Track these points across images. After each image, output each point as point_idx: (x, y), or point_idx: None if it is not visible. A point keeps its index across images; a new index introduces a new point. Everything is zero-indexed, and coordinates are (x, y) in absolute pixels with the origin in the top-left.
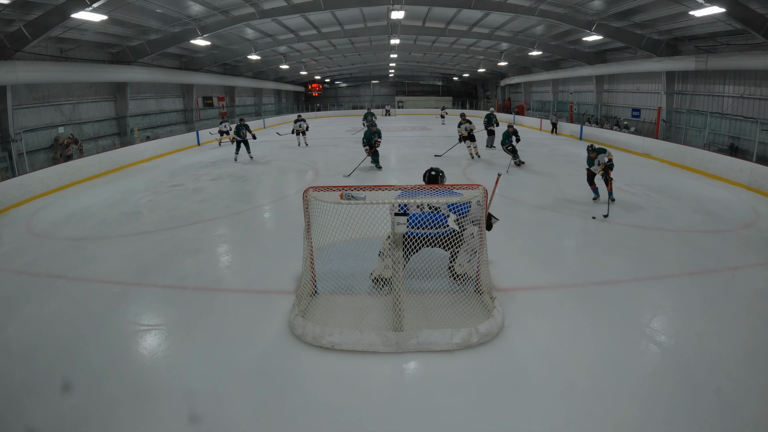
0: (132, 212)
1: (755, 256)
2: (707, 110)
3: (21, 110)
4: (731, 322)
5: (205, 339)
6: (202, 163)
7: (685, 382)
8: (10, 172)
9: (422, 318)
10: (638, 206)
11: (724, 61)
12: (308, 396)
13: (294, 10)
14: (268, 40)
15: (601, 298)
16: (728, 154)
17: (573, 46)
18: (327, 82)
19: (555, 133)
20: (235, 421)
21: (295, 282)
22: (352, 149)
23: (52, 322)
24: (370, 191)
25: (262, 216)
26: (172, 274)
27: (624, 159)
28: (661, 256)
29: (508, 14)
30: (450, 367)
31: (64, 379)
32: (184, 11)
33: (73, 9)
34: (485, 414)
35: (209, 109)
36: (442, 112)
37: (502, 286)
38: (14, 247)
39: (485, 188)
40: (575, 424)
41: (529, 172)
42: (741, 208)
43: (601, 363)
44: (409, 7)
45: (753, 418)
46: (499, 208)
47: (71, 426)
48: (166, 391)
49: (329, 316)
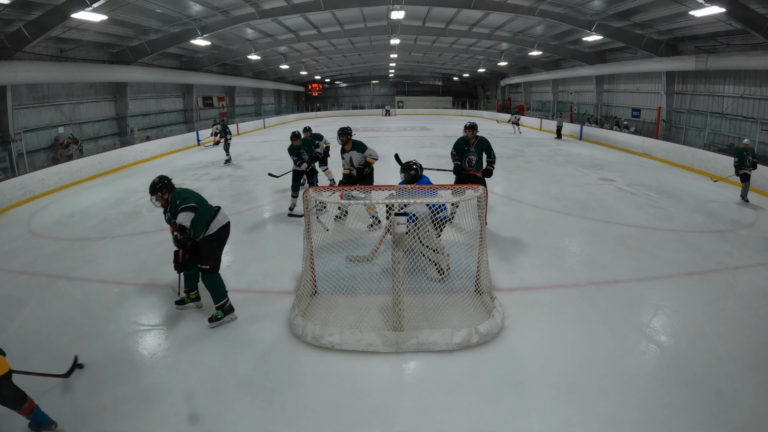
0: (132, 212)
1: (755, 256)
2: (707, 110)
3: (21, 110)
4: (731, 322)
5: (205, 339)
6: (202, 163)
7: (685, 382)
8: (10, 172)
9: (422, 318)
10: (638, 206)
11: (724, 61)
12: (308, 396)
13: (294, 10)
14: (268, 40)
15: (601, 298)
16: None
17: (573, 46)
18: (327, 82)
19: (559, 138)
20: (235, 421)
21: (295, 282)
22: None
23: (52, 322)
24: (370, 191)
25: (262, 216)
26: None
27: (624, 159)
28: (661, 256)
29: (508, 14)
30: (450, 367)
31: (64, 379)
32: (184, 11)
33: (73, 9)
34: (485, 414)
35: (209, 109)
36: (512, 118)
37: (502, 286)
38: (14, 247)
39: (485, 189)
40: (575, 424)
41: (529, 172)
42: (741, 208)
43: (601, 363)
44: (409, 7)
45: (753, 418)
46: (499, 208)
47: (71, 426)
48: (166, 391)
49: (329, 316)
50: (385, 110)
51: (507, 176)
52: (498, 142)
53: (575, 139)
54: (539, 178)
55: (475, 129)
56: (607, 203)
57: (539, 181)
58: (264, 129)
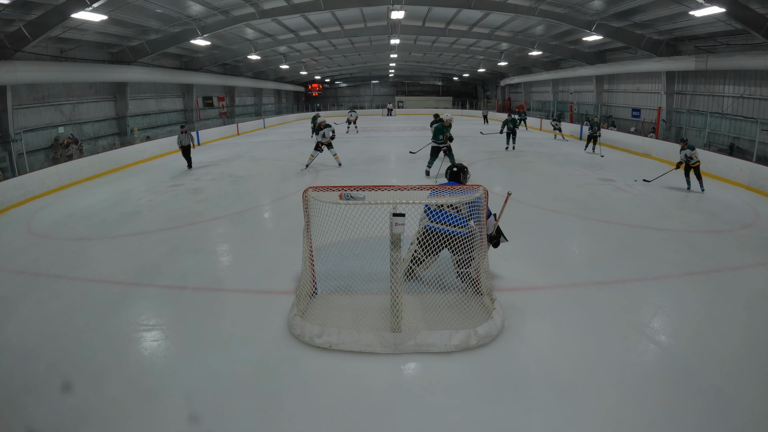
0: (132, 212)
1: (755, 256)
2: (707, 110)
3: (21, 110)
4: (731, 322)
5: (205, 339)
6: (202, 163)
7: (684, 382)
8: (10, 172)
9: (420, 319)
10: (638, 206)
11: (724, 61)
12: (306, 396)
13: (294, 10)
14: (268, 40)
15: (601, 298)
16: (728, 154)
17: (573, 46)
18: (327, 82)
19: (561, 136)
20: (235, 420)
21: (295, 282)
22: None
23: (52, 322)
24: (369, 191)
25: (262, 216)
26: (172, 274)
27: (624, 159)
28: (661, 256)
29: (508, 14)
30: (448, 369)
31: (64, 379)
32: (184, 11)
33: (73, 9)
34: (484, 415)
35: (209, 109)
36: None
37: (501, 286)
38: (14, 247)
39: (485, 188)
40: (575, 425)
41: (529, 172)
42: (741, 208)
43: (601, 363)
44: (409, 7)
45: (753, 418)
46: (499, 208)
47: (71, 426)
48: (166, 391)
49: (328, 316)
50: (387, 110)
51: (507, 176)
52: (498, 142)
53: (575, 138)
54: (539, 178)
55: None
56: (607, 203)
57: (539, 181)
58: (264, 129)
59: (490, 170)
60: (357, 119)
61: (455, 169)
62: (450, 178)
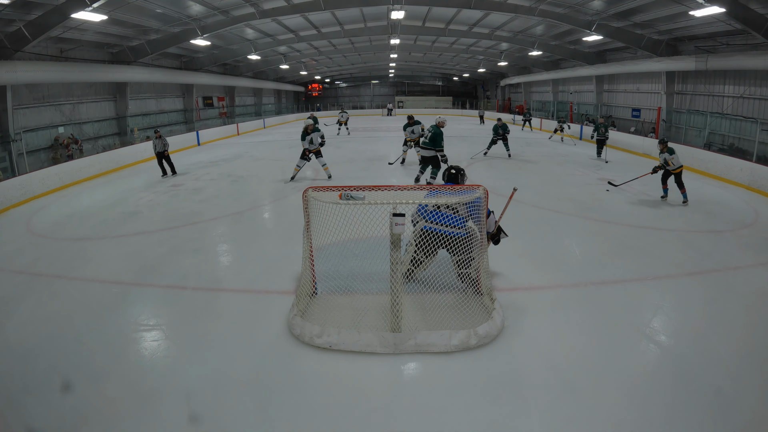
0: (132, 212)
1: (755, 256)
2: (707, 110)
3: (21, 110)
4: (731, 322)
5: (205, 339)
6: (202, 163)
7: (685, 382)
8: (10, 172)
9: (420, 319)
10: (638, 206)
11: (724, 61)
12: (306, 396)
13: (294, 10)
14: (268, 40)
15: (601, 298)
16: (728, 154)
17: (573, 46)
18: (327, 82)
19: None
20: (235, 420)
21: (295, 282)
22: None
23: (52, 322)
24: (369, 191)
25: (262, 216)
26: (172, 274)
27: (624, 159)
28: (661, 256)
29: (508, 14)
30: (448, 369)
31: (64, 379)
32: (184, 11)
33: (73, 9)
34: (484, 415)
35: (209, 109)
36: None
37: (501, 286)
38: (14, 247)
39: (485, 188)
40: (575, 425)
41: (529, 172)
42: (741, 208)
43: (601, 363)
44: (409, 7)
45: (753, 418)
46: (499, 208)
47: (71, 426)
48: (166, 391)
49: (328, 316)
50: (387, 109)
51: (507, 176)
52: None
53: (575, 138)
54: (539, 178)
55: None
56: (607, 203)
57: (539, 181)
58: (264, 129)
59: (490, 170)
60: (348, 120)
61: (453, 171)
62: (447, 180)
